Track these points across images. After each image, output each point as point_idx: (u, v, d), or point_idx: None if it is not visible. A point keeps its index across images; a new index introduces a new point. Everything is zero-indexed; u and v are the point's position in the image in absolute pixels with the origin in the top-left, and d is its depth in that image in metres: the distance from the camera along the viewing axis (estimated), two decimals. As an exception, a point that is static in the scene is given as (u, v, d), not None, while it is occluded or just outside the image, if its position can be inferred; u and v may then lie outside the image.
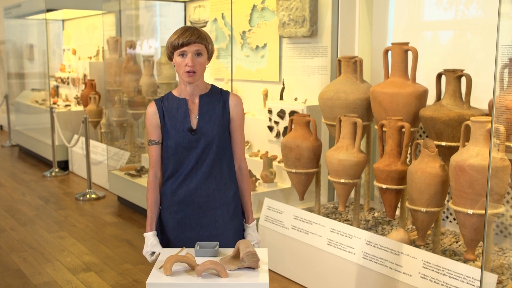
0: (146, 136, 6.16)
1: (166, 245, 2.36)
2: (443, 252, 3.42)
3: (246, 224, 2.45)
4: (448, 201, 3.74)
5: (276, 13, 4.88)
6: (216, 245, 2.19)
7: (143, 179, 5.55)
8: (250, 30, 5.36)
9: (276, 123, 4.74)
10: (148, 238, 2.32)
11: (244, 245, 2.08)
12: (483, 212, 2.89)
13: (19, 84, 9.84)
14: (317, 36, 4.63)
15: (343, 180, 3.69)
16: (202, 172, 2.30)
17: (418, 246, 3.31)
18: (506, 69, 3.00)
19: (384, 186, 3.46)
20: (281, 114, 4.67)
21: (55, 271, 4.08)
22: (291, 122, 4.07)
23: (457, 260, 3.06)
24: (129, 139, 6.78)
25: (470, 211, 2.94)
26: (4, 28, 10.19)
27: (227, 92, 2.37)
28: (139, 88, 6.47)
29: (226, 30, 5.74)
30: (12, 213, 5.56)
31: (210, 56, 2.29)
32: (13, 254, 4.43)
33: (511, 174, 2.91)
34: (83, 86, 7.96)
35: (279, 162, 4.71)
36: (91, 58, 8.57)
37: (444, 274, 2.88)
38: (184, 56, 2.20)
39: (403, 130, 3.44)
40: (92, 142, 6.75)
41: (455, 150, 3.31)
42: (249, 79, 5.47)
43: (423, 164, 3.19)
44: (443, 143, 3.44)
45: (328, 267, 3.53)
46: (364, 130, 4.06)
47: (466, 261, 3.13)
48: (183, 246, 2.28)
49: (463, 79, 3.47)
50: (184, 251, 2.18)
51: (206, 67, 2.27)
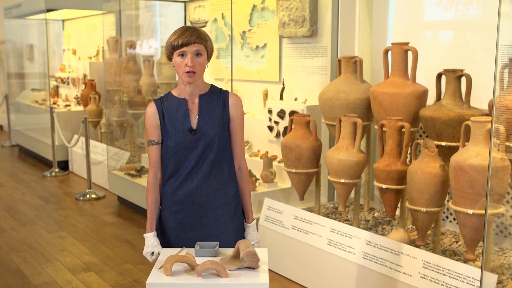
0: (146, 136, 6.18)
1: (166, 245, 2.36)
2: (443, 252, 3.42)
3: (246, 223, 2.45)
4: (448, 201, 3.74)
5: (276, 13, 4.88)
6: (216, 245, 2.19)
7: (143, 179, 5.55)
8: (250, 30, 5.36)
9: (276, 123, 4.74)
10: (149, 239, 2.32)
11: (244, 245, 2.08)
12: (483, 212, 2.89)
13: (19, 84, 9.84)
14: (317, 36, 4.63)
15: (343, 180, 3.69)
16: (203, 172, 2.30)
17: (418, 246, 3.31)
18: (506, 69, 3.00)
19: (384, 186, 3.46)
20: (281, 114, 4.67)
21: (55, 271, 4.08)
22: (291, 122, 4.07)
23: (457, 260, 3.06)
24: (129, 139, 6.78)
25: (470, 211, 2.94)
26: (4, 28, 10.19)
27: (227, 92, 2.37)
28: (139, 88, 6.47)
29: (226, 30, 5.74)
30: (12, 213, 5.56)
31: (210, 56, 2.29)
32: (13, 254, 4.43)
33: (511, 174, 2.91)
34: (83, 86, 7.96)
35: (279, 162, 4.71)
36: (91, 58, 8.57)
37: (444, 274, 2.88)
38: (183, 56, 2.20)
39: (403, 130, 3.44)
40: (92, 142, 6.75)
41: (455, 150, 3.31)
42: (249, 79, 5.47)
43: (423, 164, 3.19)
44: (443, 143, 3.44)
45: (328, 267, 3.53)
46: (364, 130, 4.06)
47: (466, 261, 3.13)
48: (184, 246, 2.28)
49: (463, 79, 3.47)
50: (184, 251, 2.18)
51: (206, 67, 2.27)
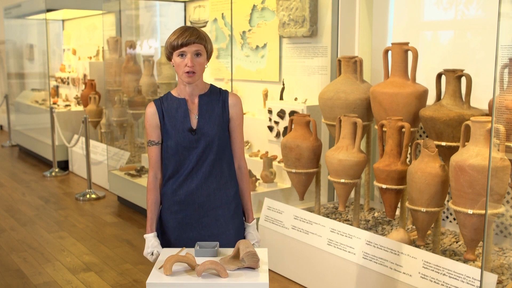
0: (145, 136, 6.18)
1: (167, 246, 2.36)
2: (443, 252, 3.42)
3: (247, 223, 2.45)
4: (448, 201, 3.74)
5: (276, 13, 4.88)
6: (216, 245, 2.19)
7: (143, 179, 5.55)
8: (250, 30, 5.36)
9: (276, 123, 4.74)
10: (149, 240, 2.32)
11: (244, 245, 2.08)
12: (483, 212, 2.89)
13: (19, 84, 9.84)
14: (317, 36, 4.63)
15: (343, 180, 3.69)
16: (203, 172, 2.30)
17: (418, 246, 3.31)
18: (506, 69, 3.00)
19: (384, 186, 3.46)
20: (281, 114, 4.67)
21: (55, 271, 4.08)
22: (291, 122, 4.07)
23: (457, 260, 3.06)
24: (129, 139, 6.78)
25: (470, 211, 2.94)
26: (4, 28, 10.19)
27: (226, 92, 2.37)
28: (139, 88, 6.47)
29: (226, 30, 5.74)
30: (12, 213, 5.56)
31: (209, 56, 2.28)
32: (13, 254, 4.43)
33: (511, 174, 2.91)
34: (83, 86, 7.96)
35: (279, 162, 4.71)
36: (91, 58, 8.57)
37: (444, 274, 2.88)
38: (183, 57, 2.20)
39: (403, 130, 3.44)
40: (92, 142, 6.75)
41: (455, 150, 3.31)
42: (249, 79, 5.47)
43: (423, 164, 3.18)
44: (443, 143, 3.44)
45: (328, 267, 3.53)
46: (364, 130, 4.06)
47: (466, 261, 3.13)
48: (184, 246, 2.28)
49: (463, 79, 3.47)
50: (184, 251, 2.18)
51: (205, 67, 2.27)
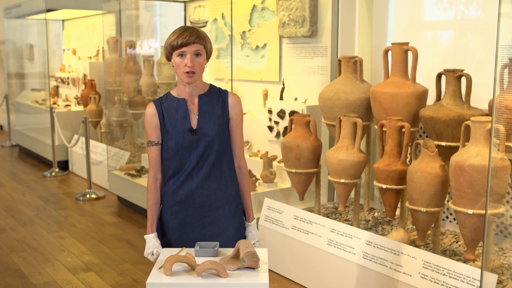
0: (145, 136, 6.18)
1: (167, 246, 2.35)
2: (443, 252, 3.42)
3: (247, 222, 2.45)
4: (448, 201, 3.74)
5: (276, 13, 4.88)
6: (216, 245, 2.19)
7: (143, 179, 5.55)
8: (250, 30, 5.36)
9: (276, 123, 4.74)
10: (149, 240, 2.32)
11: (244, 245, 2.08)
12: (483, 212, 2.89)
13: (19, 84, 9.84)
14: (317, 36, 4.63)
15: (343, 180, 3.69)
16: (203, 172, 2.29)
17: (418, 246, 3.31)
18: (506, 69, 3.00)
19: (384, 186, 3.46)
20: (281, 114, 4.67)
21: (55, 271, 4.08)
22: (291, 122, 4.07)
23: (457, 260, 3.06)
24: (129, 139, 6.78)
25: (470, 211, 2.94)
26: (4, 28, 10.19)
27: (226, 91, 2.37)
28: (139, 88, 6.47)
29: (226, 30, 5.74)
30: (12, 213, 5.56)
31: (209, 56, 2.28)
32: (13, 254, 4.43)
33: (511, 174, 2.91)
34: (83, 86, 7.96)
35: (279, 162, 4.71)
36: (91, 58, 8.57)
37: (444, 274, 2.88)
38: (183, 57, 2.20)
39: (403, 130, 3.44)
40: (92, 142, 6.75)
41: (455, 150, 3.31)
42: (249, 79, 5.47)
43: (423, 164, 3.18)
44: (443, 143, 3.44)
45: (328, 267, 3.53)
46: (364, 130, 4.06)
47: (466, 261, 3.13)
48: (185, 246, 2.28)
49: (463, 79, 3.47)
50: (184, 251, 2.18)
51: (205, 67, 2.27)
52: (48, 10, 7.97)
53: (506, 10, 2.33)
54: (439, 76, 3.61)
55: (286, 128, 4.60)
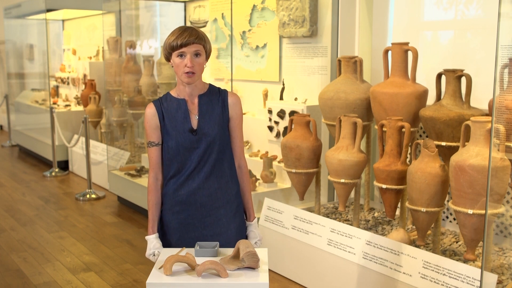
0: (145, 137, 6.18)
1: (168, 246, 2.35)
2: (443, 252, 3.42)
3: (248, 222, 2.45)
4: (448, 201, 3.74)
5: (276, 13, 4.88)
6: (216, 245, 2.19)
7: (143, 179, 5.55)
8: (250, 30, 5.36)
9: (276, 123, 4.74)
10: (151, 241, 2.32)
11: (244, 245, 2.08)
12: (483, 212, 2.89)
13: (19, 84, 9.84)
14: (317, 36, 4.63)
15: (343, 180, 3.69)
16: (204, 172, 2.29)
17: (418, 246, 3.31)
18: (506, 69, 3.00)
19: (384, 186, 3.46)
20: (281, 114, 4.67)
21: (55, 271, 4.08)
22: (291, 122, 4.07)
23: (457, 260, 3.06)
24: (129, 139, 6.78)
25: (470, 211, 2.94)
26: (4, 28, 10.19)
27: (225, 91, 2.37)
28: (139, 88, 6.47)
29: (226, 30, 5.74)
30: (12, 213, 5.56)
31: (208, 56, 2.28)
32: (13, 254, 4.43)
33: (511, 174, 2.91)
34: (83, 86, 7.97)
35: (279, 162, 4.71)
36: (91, 58, 8.57)
37: (444, 274, 2.88)
38: (182, 57, 2.19)
39: (403, 130, 3.44)
40: (92, 142, 6.75)
41: (455, 150, 3.31)
42: (249, 79, 5.47)
43: (423, 164, 3.18)
44: (443, 143, 3.44)
45: (328, 267, 3.53)
46: (364, 130, 4.06)
47: (466, 261, 3.13)
48: (187, 246, 2.28)
49: (463, 79, 3.47)
50: (184, 251, 2.18)
51: (205, 67, 2.27)
52: (48, 10, 7.97)
53: (506, 10, 2.33)
54: (439, 76, 3.61)
55: (286, 128, 4.60)
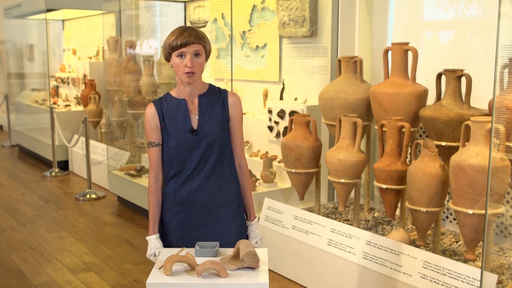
0: (145, 137, 6.18)
1: (169, 246, 2.35)
2: (443, 252, 3.42)
3: (249, 221, 2.45)
4: (448, 201, 3.74)
5: (276, 13, 4.88)
6: (216, 245, 2.19)
7: (143, 179, 5.55)
8: (250, 30, 5.36)
9: (276, 123, 4.74)
10: (151, 241, 2.32)
11: (244, 245, 2.08)
12: (483, 212, 2.89)
13: (19, 84, 9.84)
14: (317, 36, 4.63)
15: (343, 180, 3.69)
16: (205, 172, 2.29)
17: (418, 246, 3.31)
18: (506, 69, 3.00)
19: (384, 186, 3.46)
20: (281, 114, 4.67)
21: (55, 271, 4.08)
22: (291, 122, 4.07)
23: (457, 260, 3.06)
24: (129, 139, 6.78)
25: (470, 211, 2.94)
26: (4, 28, 10.19)
27: (225, 91, 2.37)
28: (139, 88, 6.47)
29: (226, 30, 5.74)
30: (12, 213, 5.56)
31: (208, 56, 2.28)
32: (13, 254, 4.43)
33: (511, 174, 2.91)
34: (83, 86, 7.97)
35: (279, 162, 4.71)
36: (91, 58, 8.57)
37: (444, 274, 2.88)
38: (182, 57, 2.19)
39: (403, 130, 3.44)
40: (92, 142, 6.75)
41: (455, 150, 3.31)
42: (249, 79, 5.47)
43: (423, 164, 3.18)
44: (443, 143, 3.44)
45: (328, 267, 3.53)
46: (364, 130, 4.06)
47: (466, 261, 3.13)
48: (187, 246, 2.28)
49: (463, 79, 3.47)
50: (184, 251, 2.18)
51: (204, 67, 2.27)
52: (48, 10, 7.97)
53: (506, 10, 2.33)
54: (439, 76, 3.61)
55: (286, 128, 4.60)
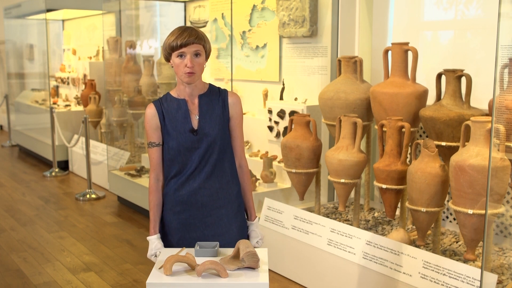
0: (145, 137, 6.18)
1: (170, 246, 2.35)
2: (443, 252, 3.42)
3: (249, 221, 2.45)
4: (448, 201, 3.74)
5: (276, 13, 4.88)
6: (216, 245, 2.19)
7: (143, 179, 5.55)
8: (250, 30, 5.36)
9: (276, 123, 4.74)
10: (152, 242, 2.31)
11: (244, 245, 2.08)
12: (483, 212, 2.89)
13: (19, 84, 9.85)
14: (317, 36, 4.63)
15: (343, 180, 3.69)
16: (205, 172, 2.29)
17: (418, 246, 3.31)
18: (506, 69, 3.00)
19: (384, 186, 3.46)
20: (281, 114, 4.67)
21: (55, 271, 4.08)
22: (291, 122, 4.07)
23: (457, 260, 3.06)
24: (129, 139, 6.78)
25: (470, 211, 2.94)
26: (4, 28, 10.20)
27: (225, 91, 2.37)
28: (139, 88, 6.47)
29: (226, 30, 5.74)
30: (12, 213, 5.56)
31: (208, 56, 2.28)
32: (13, 254, 4.43)
33: (511, 174, 2.91)
34: (83, 86, 7.97)
35: (279, 162, 4.71)
36: (91, 58, 8.57)
37: (444, 274, 2.88)
38: (182, 57, 2.19)
39: (403, 130, 3.44)
40: (92, 142, 6.75)
41: (455, 150, 3.31)
42: (249, 79, 5.47)
43: (423, 164, 3.18)
44: (443, 143, 3.44)
45: (328, 267, 3.53)
46: (364, 130, 4.06)
47: (466, 261, 3.13)
48: (188, 246, 2.28)
49: (463, 79, 3.47)
50: (184, 251, 2.18)
51: (204, 67, 2.27)
52: (48, 10, 7.97)
53: (506, 10, 2.34)
54: (439, 76, 3.61)
55: (286, 128, 4.60)
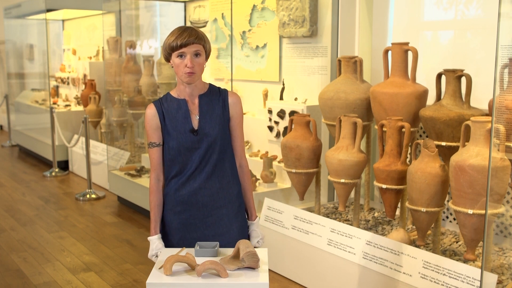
0: (145, 138, 6.17)
1: (170, 246, 2.35)
2: (443, 252, 3.42)
3: (250, 221, 2.45)
4: (448, 201, 3.74)
5: (276, 13, 4.88)
6: (216, 245, 2.19)
7: (143, 179, 5.55)
8: (250, 30, 5.36)
9: (276, 123, 4.74)
10: (153, 242, 2.31)
11: (244, 245, 2.08)
12: (483, 212, 2.89)
13: (19, 84, 9.85)
14: (317, 36, 4.63)
15: (343, 180, 3.69)
16: (206, 172, 2.29)
17: (418, 246, 3.31)
18: (506, 69, 3.00)
19: (384, 186, 3.46)
20: (281, 114, 4.67)
21: (55, 271, 4.08)
22: (291, 122, 4.07)
23: (457, 260, 3.06)
24: (129, 139, 6.78)
25: (470, 211, 2.94)
26: (4, 28, 10.20)
27: (226, 91, 2.37)
28: (139, 88, 6.47)
29: (226, 30, 5.74)
30: (12, 213, 5.56)
31: (208, 56, 2.28)
32: (13, 254, 4.43)
33: (511, 174, 2.91)
34: (83, 86, 7.97)
35: (279, 162, 4.71)
36: (91, 58, 8.57)
37: (444, 274, 2.88)
38: (182, 57, 2.19)
39: (403, 130, 3.44)
40: (92, 142, 6.75)
41: (455, 150, 3.31)
42: (249, 79, 5.47)
43: (423, 164, 3.18)
44: (443, 143, 3.44)
45: (328, 267, 3.53)
46: (364, 130, 4.06)
47: (466, 261, 3.13)
48: (189, 246, 2.28)
49: (463, 79, 3.47)
50: (184, 251, 2.18)
51: (204, 67, 2.27)
52: (48, 10, 7.97)
53: (506, 10, 2.34)
54: (439, 76, 3.61)
55: (286, 128, 4.60)
